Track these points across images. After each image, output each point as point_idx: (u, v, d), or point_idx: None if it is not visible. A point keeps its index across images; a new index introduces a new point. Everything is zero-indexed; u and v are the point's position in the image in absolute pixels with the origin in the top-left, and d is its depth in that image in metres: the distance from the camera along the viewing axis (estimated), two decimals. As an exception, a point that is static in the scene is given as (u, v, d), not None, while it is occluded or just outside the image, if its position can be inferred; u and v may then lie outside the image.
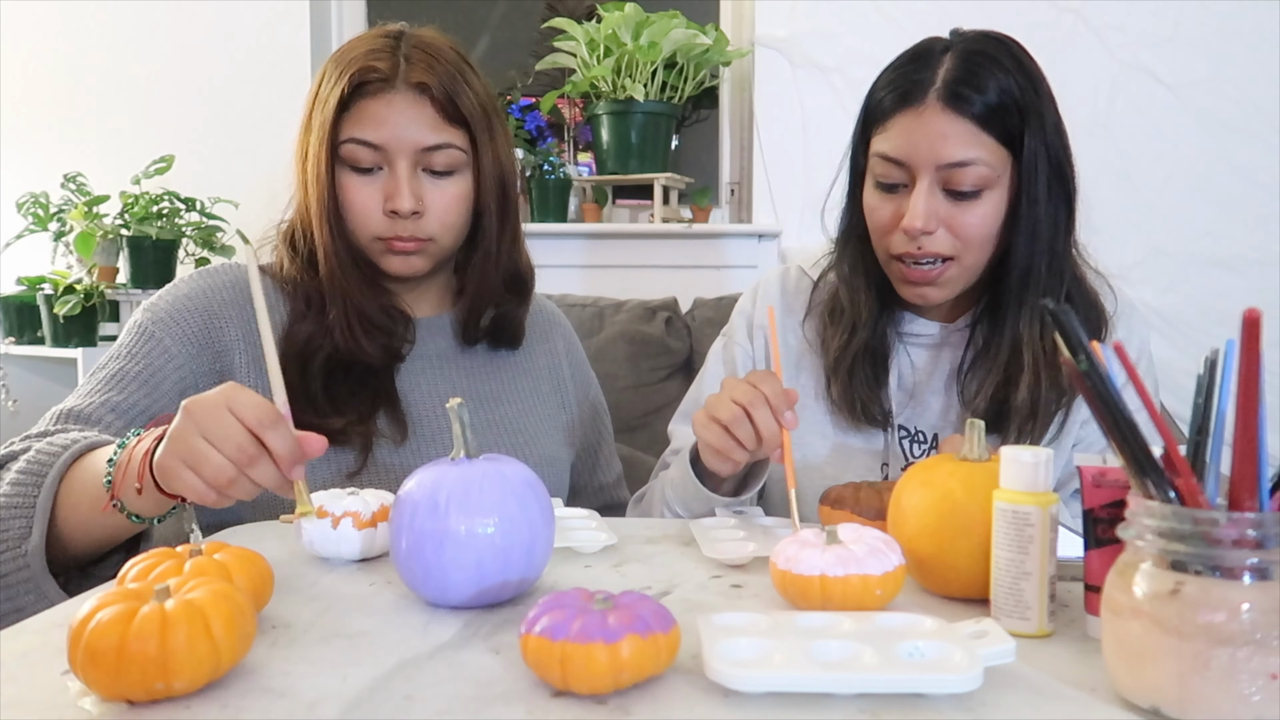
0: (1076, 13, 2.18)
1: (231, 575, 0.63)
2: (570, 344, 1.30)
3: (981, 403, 1.09)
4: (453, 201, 1.06)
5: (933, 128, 0.99)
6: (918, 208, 1.00)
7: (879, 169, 1.04)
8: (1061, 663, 0.59)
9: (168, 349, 1.04)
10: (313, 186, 1.05)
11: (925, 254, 1.02)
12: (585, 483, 1.29)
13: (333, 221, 1.05)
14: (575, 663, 0.51)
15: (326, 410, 1.03)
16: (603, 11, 2.27)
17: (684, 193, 2.42)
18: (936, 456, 0.77)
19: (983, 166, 1.00)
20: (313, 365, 1.04)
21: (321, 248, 1.07)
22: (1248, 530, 0.49)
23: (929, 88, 1.00)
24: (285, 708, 0.52)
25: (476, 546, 0.66)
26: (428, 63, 1.04)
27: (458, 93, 1.04)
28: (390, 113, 1.02)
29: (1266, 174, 2.15)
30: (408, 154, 1.03)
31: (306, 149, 1.06)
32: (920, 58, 1.03)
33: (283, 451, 0.75)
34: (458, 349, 1.16)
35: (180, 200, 2.30)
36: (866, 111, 1.07)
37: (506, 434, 1.14)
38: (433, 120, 1.03)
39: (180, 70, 2.55)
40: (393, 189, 1.03)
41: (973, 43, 1.03)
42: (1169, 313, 2.17)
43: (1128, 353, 0.54)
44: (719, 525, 0.91)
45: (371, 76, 1.02)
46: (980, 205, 1.01)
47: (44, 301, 2.25)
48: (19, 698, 0.53)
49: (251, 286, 0.82)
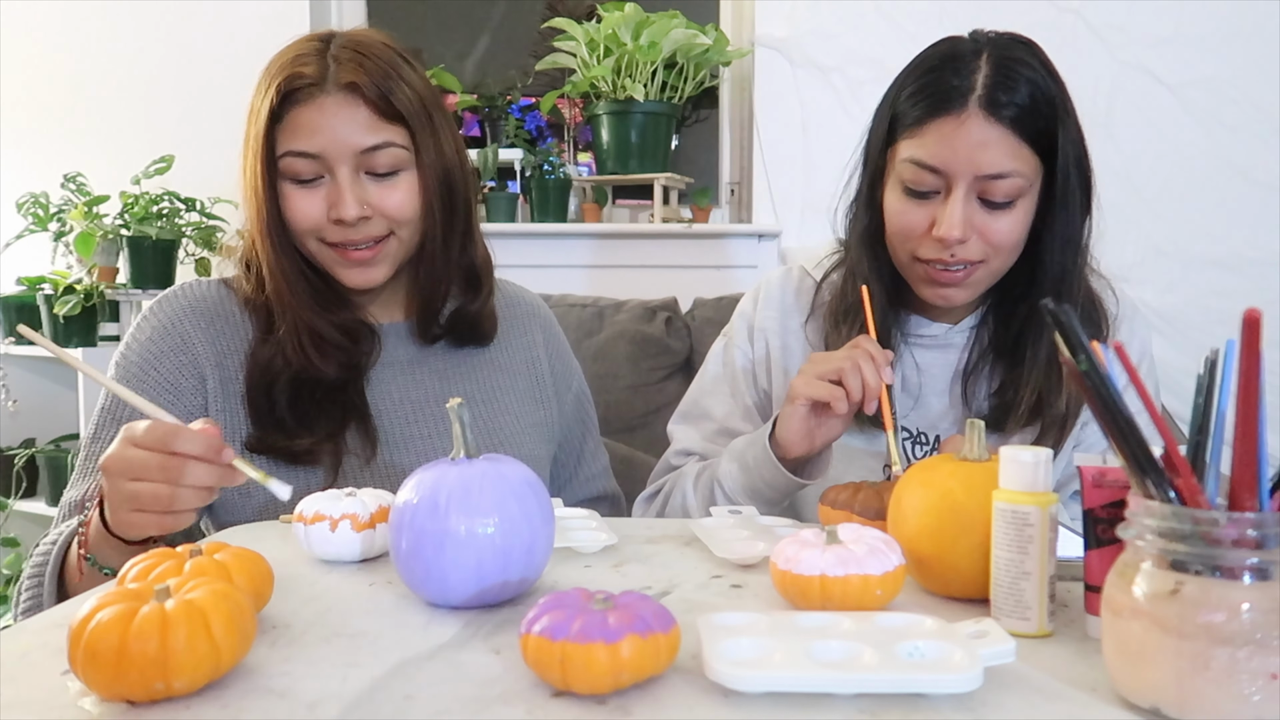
0: (1076, 13, 2.18)
1: (231, 575, 0.63)
2: (550, 335, 1.27)
3: (985, 403, 1.09)
4: (402, 198, 1.02)
5: (974, 137, 0.98)
6: (954, 217, 0.99)
7: (909, 174, 1.02)
8: (1061, 663, 0.59)
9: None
10: (252, 202, 1.03)
11: (957, 261, 1.02)
12: (571, 474, 1.28)
13: (275, 237, 1.02)
14: (575, 663, 0.51)
15: (294, 430, 1.02)
16: (603, 11, 2.27)
17: (684, 193, 2.42)
18: (937, 456, 0.77)
19: (1019, 178, 0.99)
20: (277, 386, 1.03)
21: (265, 264, 1.04)
22: (1248, 530, 0.49)
23: (969, 95, 0.98)
24: (285, 708, 0.52)
25: (476, 546, 0.66)
26: (357, 61, 1.00)
27: (391, 89, 0.99)
28: (323, 118, 0.98)
29: (1266, 174, 2.15)
30: (347, 159, 0.99)
31: (244, 166, 1.03)
32: (952, 61, 1.01)
33: (196, 449, 0.77)
34: (426, 352, 1.14)
35: (180, 200, 2.29)
36: (894, 114, 1.05)
37: (484, 434, 1.13)
38: (368, 120, 0.99)
39: (180, 70, 2.55)
40: (335, 197, 1.00)
41: (1005, 48, 1.02)
42: (1169, 313, 2.17)
43: (1129, 354, 0.54)
44: (721, 525, 0.91)
45: (299, 83, 0.99)
46: (1013, 213, 1.01)
47: (44, 301, 2.25)
48: (19, 698, 0.53)
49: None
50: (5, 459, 2.32)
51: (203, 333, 1.06)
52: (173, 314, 1.07)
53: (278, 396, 1.02)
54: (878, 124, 1.08)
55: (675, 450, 1.21)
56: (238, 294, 1.10)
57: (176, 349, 1.05)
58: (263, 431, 1.02)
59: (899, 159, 1.04)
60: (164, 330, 1.06)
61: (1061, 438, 1.08)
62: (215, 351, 1.06)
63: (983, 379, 1.12)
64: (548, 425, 1.22)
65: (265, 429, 1.02)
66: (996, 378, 1.11)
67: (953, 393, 1.13)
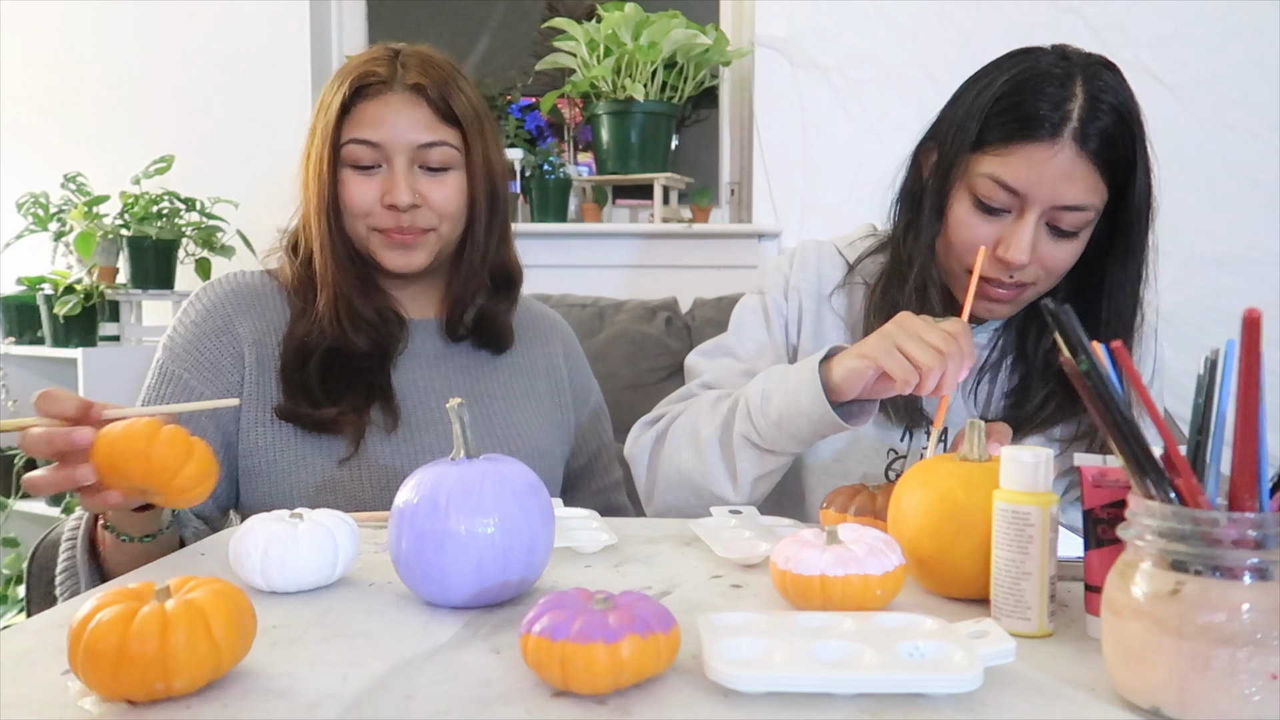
0: (1076, 13, 2.18)
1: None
2: (571, 350, 1.33)
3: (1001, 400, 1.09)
4: (449, 193, 1.11)
5: (1063, 168, 0.97)
6: (1024, 242, 0.99)
7: (986, 190, 1.00)
8: (1061, 663, 0.59)
9: (193, 388, 1.10)
10: (313, 184, 1.11)
11: (1013, 282, 1.02)
12: (584, 485, 1.31)
13: (330, 216, 1.10)
14: (575, 663, 0.51)
15: (321, 401, 1.08)
16: (603, 11, 2.27)
17: (684, 193, 2.42)
18: (937, 456, 0.77)
19: (1091, 211, 0.99)
20: (310, 360, 1.10)
21: (317, 240, 1.12)
22: (1248, 530, 0.49)
23: (1063, 125, 0.96)
24: (285, 708, 0.52)
25: (476, 547, 0.66)
26: (423, 67, 1.10)
27: (450, 95, 1.10)
28: (388, 112, 1.08)
29: (1266, 174, 2.15)
30: (405, 151, 1.09)
31: (309, 153, 1.12)
32: (1048, 82, 0.98)
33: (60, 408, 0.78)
34: (451, 349, 1.20)
35: (180, 200, 2.30)
36: (981, 126, 1.01)
37: (498, 427, 1.17)
38: (428, 119, 1.09)
39: (180, 70, 2.55)
40: (390, 184, 1.08)
41: (1096, 75, 0.99)
42: (1169, 313, 2.16)
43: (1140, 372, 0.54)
44: (722, 525, 0.91)
45: (370, 80, 1.09)
46: (1075, 243, 1.02)
47: (44, 301, 2.25)
48: (19, 698, 0.53)
49: None
50: (5, 459, 2.32)
51: (243, 315, 1.14)
52: (216, 299, 1.15)
53: (310, 370, 1.10)
54: (957, 131, 1.04)
55: (700, 382, 1.17)
56: (280, 281, 1.18)
57: (218, 331, 1.12)
58: (293, 402, 1.09)
59: (976, 172, 1.01)
60: (207, 314, 1.14)
61: (1098, 444, 1.07)
62: (254, 331, 1.13)
63: (1000, 378, 1.12)
64: (565, 427, 1.26)
65: (295, 399, 1.09)
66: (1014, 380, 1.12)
67: (964, 388, 1.13)
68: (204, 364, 1.11)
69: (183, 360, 1.11)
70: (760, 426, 1.01)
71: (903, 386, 0.90)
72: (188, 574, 0.59)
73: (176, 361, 1.11)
